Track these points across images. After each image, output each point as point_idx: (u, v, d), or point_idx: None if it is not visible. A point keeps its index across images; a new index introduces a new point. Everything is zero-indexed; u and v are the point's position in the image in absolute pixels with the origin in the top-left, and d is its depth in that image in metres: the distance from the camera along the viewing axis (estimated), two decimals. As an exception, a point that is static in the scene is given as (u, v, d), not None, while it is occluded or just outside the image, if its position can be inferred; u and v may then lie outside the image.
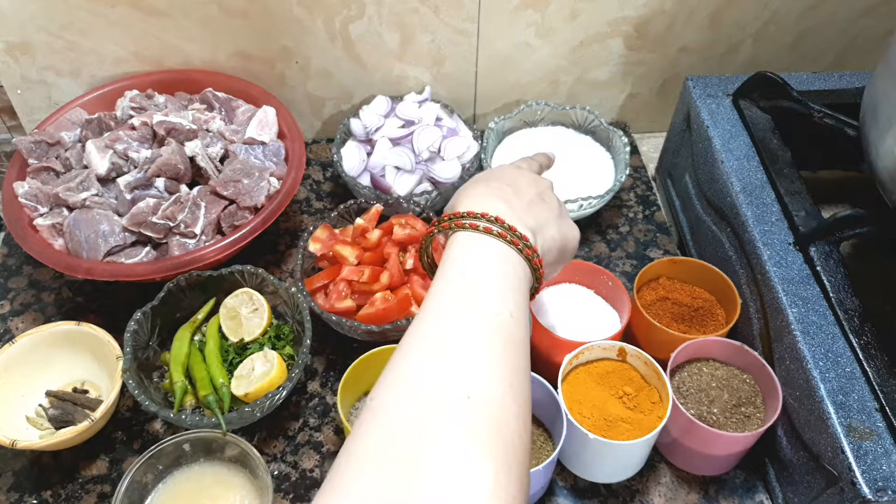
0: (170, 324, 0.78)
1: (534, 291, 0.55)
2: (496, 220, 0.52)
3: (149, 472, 0.67)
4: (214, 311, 0.80)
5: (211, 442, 0.68)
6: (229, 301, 0.79)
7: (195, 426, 0.68)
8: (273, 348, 0.76)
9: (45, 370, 0.75)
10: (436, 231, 0.56)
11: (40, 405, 0.74)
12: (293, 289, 0.77)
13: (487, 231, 0.51)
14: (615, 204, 0.97)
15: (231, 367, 0.75)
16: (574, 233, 0.62)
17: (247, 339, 0.77)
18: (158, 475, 0.68)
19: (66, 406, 0.74)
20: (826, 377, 0.63)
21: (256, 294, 0.79)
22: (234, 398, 0.72)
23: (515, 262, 0.51)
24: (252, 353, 0.75)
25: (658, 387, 0.69)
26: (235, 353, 0.77)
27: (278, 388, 0.70)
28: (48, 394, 0.75)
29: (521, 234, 0.52)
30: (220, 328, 0.78)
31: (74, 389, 0.76)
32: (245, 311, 0.78)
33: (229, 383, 0.73)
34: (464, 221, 0.52)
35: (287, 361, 0.75)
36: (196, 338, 0.78)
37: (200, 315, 0.79)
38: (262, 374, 0.72)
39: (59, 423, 0.72)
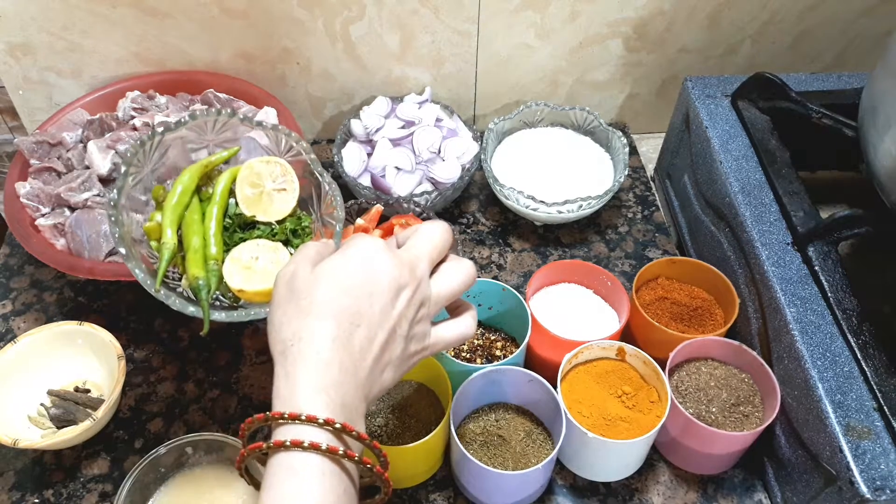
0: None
1: (382, 497, 0.48)
2: (325, 424, 0.42)
3: (151, 473, 0.67)
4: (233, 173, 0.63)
5: (214, 445, 0.68)
6: (257, 165, 0.63)
7: (179, 309, 0.57)
8: (286, 244, 0.61)
9: (46, 370, 0.75)
10: (247, 457, 0.45)
11: (42, 404, 0.74)
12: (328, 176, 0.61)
13: (314, 448, 0.42)
14: (614, 204, 0.97)
15: (228, 244, 0.60)
16: (417, 358, 0.50)
17: (261, 219, 0.62)
18: (160, 477, 0.68)
19: (67, 405, 0.74)
20: (824, 376, 0.64)
21: (291, 170, 0.63)
22: (220, 283, 0.59)
23: (346, 482, 0.43)
24: (260, 237, 0.61)
25: (657, 386, 0.70)
26: (238, 228, 0.62)
27: None
28: (50, 393, 0.75)
29: (357, 435, 0.43)
30: (232, 191, 0.63)
31: (76, 389, 0.76)
32: (270, 186, 0.63)
33: (222, 263, 0.59)
34: (284, 439, 0.42)
35: None
36: (203, 188, 0.63)
37: (222, 157, 0.63)
38: (265, 273, 0.58)
39: (60, 422, 0.73)
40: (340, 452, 0.42)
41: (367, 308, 0.46)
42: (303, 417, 0.42)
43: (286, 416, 0.42)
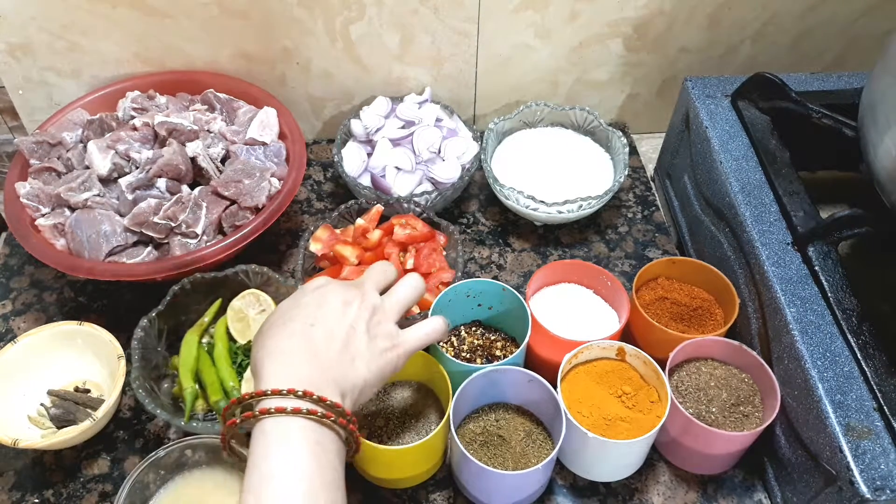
0: (176, 328, 0.78)
1: (353, 452, 0.54)
2: (304, 396, 0.49)
3: (151, 474, 0.67)
4: (220, 312, 0.79)
5: (213, 447, 0.68)
6: (236, 303, 0.78)
7: (208, 432, 0.68)
8: None
9: (46, 369, 0.75)
10: (238, 425, 0.52)
11: (42, 404, 0.74)
12: (291, 280, 0.77)
13: (296, 412, 0.49)
14: (614, 204, 0.97)
15: (240, 370, 0.75)
16: (391, 355, 0.57)
17: None
18: (161, 479, 0.68)
19: (67, 405, 0.74)
20: (824, 376, 0.64)
21: (263, 294, 0.78)
22: None
23: (328, 440, 0.50)
24: None
25: (657, 386, 0.70)
26: (244, 356, 0.76)
27: None
28: (50, 393, 0.75)
29: (332, 404, 0.50)
30: (227, 330, 0.78)
31: (76, 389, 0.76)
32: (253, 313, 0.78)
33: (240, 386, 0.73)
34: (269, 405, 0.49)
35: None
36: (203, 340, 0.78)
37: (207, 318, 0.79)
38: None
39: (60, 422, 0.73)
40: (319, 414, 0.49)
41: (321, 314, 0.55)
42: (284, 391, 0.49)
43: (269, 392, 0.49)
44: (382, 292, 0.61)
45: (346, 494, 0.50)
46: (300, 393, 0.49)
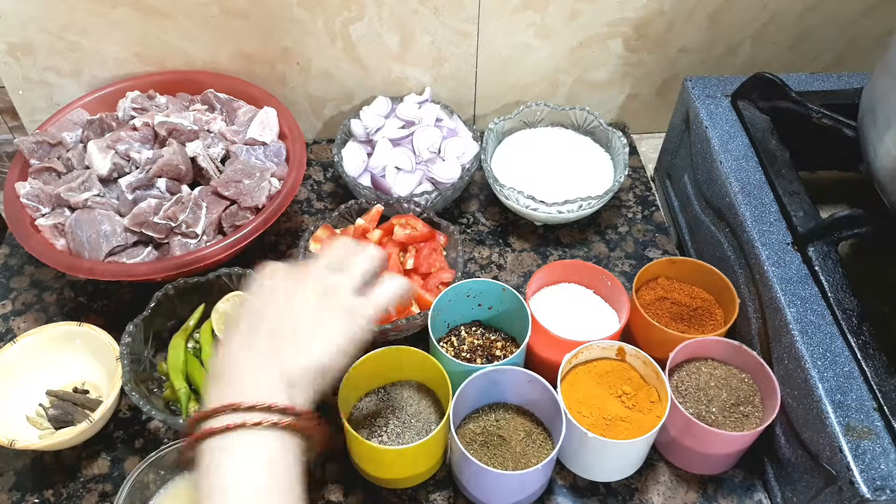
0: (162, 333, 0.78)
1: (319, 442, 0.53)
2: (251, 409, 0.49)
3: (151, 474, 0.67)
4: (205, 316, 0.79)
5: None
6: (221, 306, 0.78)
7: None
8: None
9: (45, 370, 0.75)
10: (199, 442, 0.50)
11: (41, 405, 0.74)
12: None
13: (256, 425, 0.48)
14: (614, 204, 0.97)
15: None
16: (351, 326, 0.55)
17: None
18: (161, 479, 0.68)
19: (66, 406, 0.74)
20: (824, 376, 0.64)
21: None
22: None
23: (279, 445, 0.49)
24: None
25: (657, 386, 0.70)
26: None
27: None
28: (48, 393, 0.75)
29: (282, 408, 0.50)
30: (213, 333, 0.78)
31: (75, 389, 0.76)
32: None
33: None
34: (215, 425, 0.48)
35: None
36: (189, 345, 0.78)
37: (192, 321, 0.79)
38: None
39: (58, 423, 0.73)
40: (267, 423, 0.49)
41: (267, 311, 0.55)
42: (228, 408, 0.49)
43: (210, 410, 0.49)
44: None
45: (304, 489, 0.50)
46: (260, 406, 0.49)
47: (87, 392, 0.76)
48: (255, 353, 0.53)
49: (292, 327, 0.54)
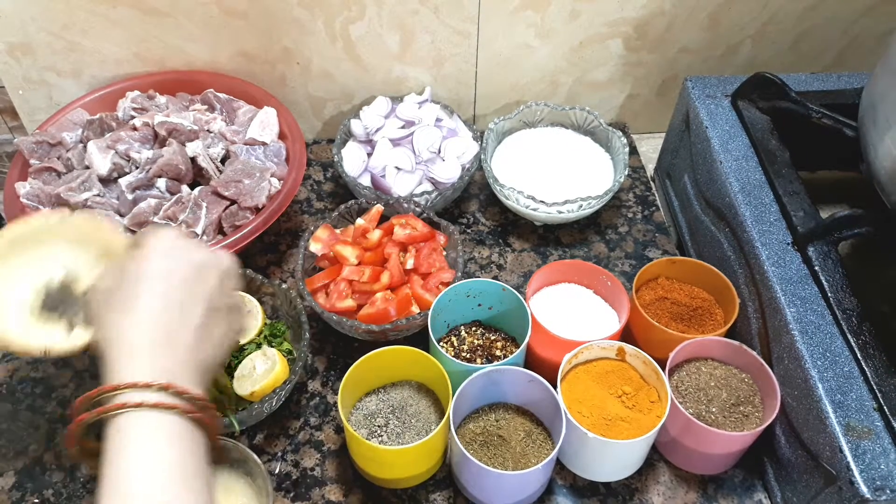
0: None
1: (213, 436, 0.50)
2: (164, 389, 0.46)
3: None
4: None
5: (213, 447, 0.68)
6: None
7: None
8: (270, 346, 0.76)
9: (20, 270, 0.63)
10: (88, 420, 0.47)
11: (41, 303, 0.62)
12: (284, 284, 0.77)
13: (157, 406, 0.45)
14: (614, 204, 0.97)
15: (228, 370, 0.75)
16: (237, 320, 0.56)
17: (242, 341, 0.76)
18: None
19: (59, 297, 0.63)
20: (824, 376, 0.64)
21: (248, 296, 0.78)
22: (237, 399, 0.73)
23: (190, 433, 0.46)
24: (249, 353, 0.75)
25: (657, 386, 0.70)
26: (232, 356, 0.76)
27: (284, 383, 0.71)
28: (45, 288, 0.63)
29: (193, 396, 0.47)
30: None
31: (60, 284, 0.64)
32: None
33: (231, 385, 0.73)
34: (125, 400, 0.45)
35: (287, 357, 0.75)
36: None
37: None
38: (265, 371, 0.72)
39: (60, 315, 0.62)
40: (181, 409, 0.46)
41: (172, 290, 0.51)
42: (140, 384, 0.45)
43: (121, 386, 0.46)
44: None
45: (211, 482, 0.48)
46: (159, 386, 0.46)
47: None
48: (164, 341, 0.49)
49: (200, 322, 0.51)
